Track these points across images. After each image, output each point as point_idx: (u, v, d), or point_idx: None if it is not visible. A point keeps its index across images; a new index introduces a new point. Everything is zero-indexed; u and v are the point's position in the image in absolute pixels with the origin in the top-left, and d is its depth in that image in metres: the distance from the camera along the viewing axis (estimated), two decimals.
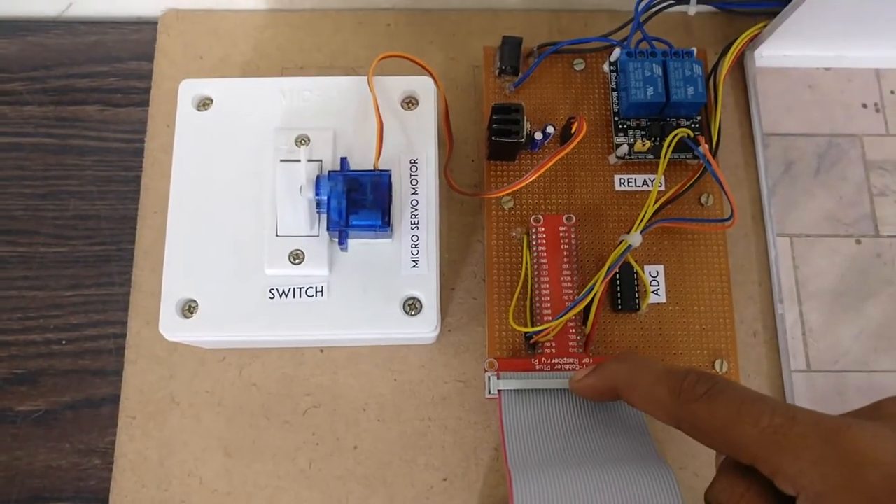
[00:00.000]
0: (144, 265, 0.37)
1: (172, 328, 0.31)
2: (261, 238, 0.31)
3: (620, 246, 0.32)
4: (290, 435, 0.35)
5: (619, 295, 0.34)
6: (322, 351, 0.36)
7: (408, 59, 0.33)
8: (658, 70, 0.35)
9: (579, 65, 0.38)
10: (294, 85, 0.34)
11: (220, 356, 0.35)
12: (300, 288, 0.31)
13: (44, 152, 0.39)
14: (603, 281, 0.31)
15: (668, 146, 0.33)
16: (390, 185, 0.30)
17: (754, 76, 0.39)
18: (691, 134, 0.34)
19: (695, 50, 0.36)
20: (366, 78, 0.33)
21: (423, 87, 0.33)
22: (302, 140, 0.32)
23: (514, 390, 0.31)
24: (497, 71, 0.37)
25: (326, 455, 0.34)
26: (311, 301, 0.31)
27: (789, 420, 0.20)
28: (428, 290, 0.31)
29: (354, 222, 0.30)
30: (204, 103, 0.33)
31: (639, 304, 0.34)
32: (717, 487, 0.23)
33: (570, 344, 0.33)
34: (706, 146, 0.33)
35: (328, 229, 0.30)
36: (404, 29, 0.41)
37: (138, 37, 0.41)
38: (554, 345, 0.33)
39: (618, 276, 0.34)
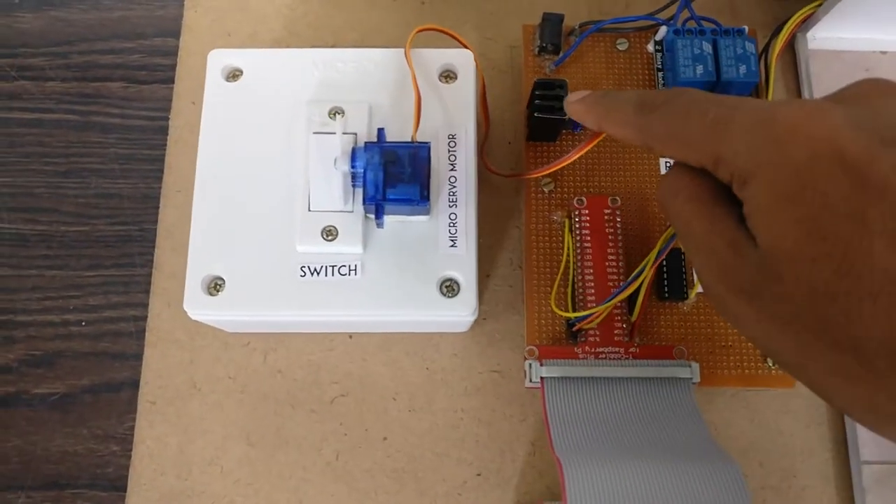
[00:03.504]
0: (166, 245, 0.35)
1: (197, 305, 0.29)
2: (292, 213, 0.30)
3: (669, 230, 0.30)
4: (316, 425, 0.33)
5: (665, 282, 0.32)
6: (351, 337, 0.34)
7: (445, 32, 0.32)
8: (708, 48, 0.33)
9: (622, 44, 0.36)
10: (327, 56, 0.32)
11: (244, 340, 0.34)
12: (333, 266, 0.29)
13: (66, 129, 0.38)
14: (652, 265, 0.29)
15: None
16: (429, 157, 0.29)
17: (807, 59, 0.37)
18: None
19: (746, 28, 0.34)
20: (401, 50, 0.32)
21: (463, 60, 0.32)
22: (336, 112, 0.31)
23: (558, 378, 0.29)
24: (537, 49, 0.36)
25: (354, 446, 0.33)
26: (343, 280, 0.29)
27: (733, 109, 0.20)
28: (467, 271, 0.29)
29: (392, 196, 0.28)
30: (234, 74, 0.32)
31: (687, 292, 0.32)
32: (666, 181, 0.23)
33: (616, 332, 0.31)
34: None
35: (364, 203, 0.28)
36: (439, 7, 0.39)
37: (164, 12, 0.39)
38: (598, 333, 0.31)
39: (665, 262, 0.33)
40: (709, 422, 0.32)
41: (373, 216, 0.29)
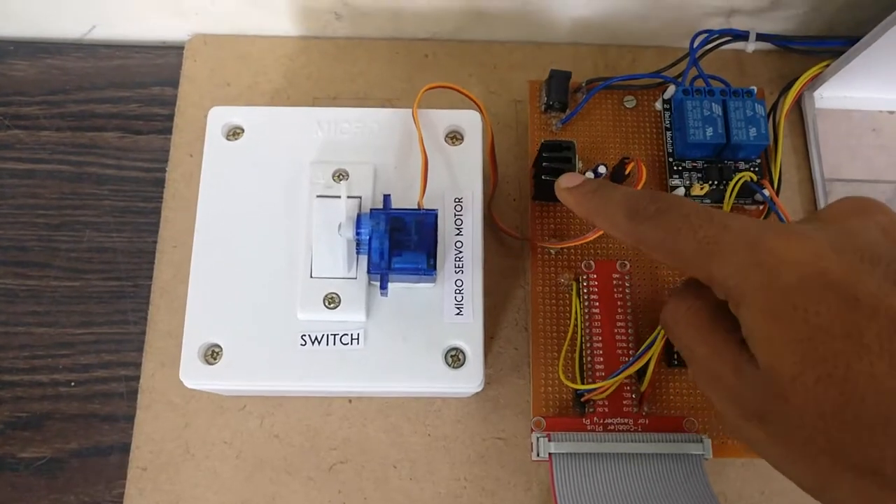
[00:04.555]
0: (161, 303, 0.34)
1: (194, 375, 0.28)
2: (293, 279, 0.29)
3: None
4: (313, 492, 0.32)
5: (675, 349, 0.32)
6: (350, 401, 0.33)
7: (455, 89, 0.31)
8: (717, 109, 0.33)
9: (630, 102, 0.36)
10: (331, 116, 0.31)
11: (241, 404, 0.33)
12: (335, 335, 0.28)
13: (59, 180, 0.37)
14: (663, 337, 0.29)
15: (732, 190, 0.31)
16: (436, 225, 0.28)
17: (814, 118, 0.37)
18: (755, 178, 0.32)
19: (755, 89, 0.33)
20: (406, 111, 0.31)
21: (470, 121, 0.31)
22: (340, 175, 0.30)
23: (567, 454, 0.28)
24: (543, 106, 0.35)
25: None
26: (345, 349, 0.28)
27: (722, 229, 0.21)
28: (473, 341, 0.28)
29: (397, 265, 0.27)
30: (234, 132, 0.31)
31: None
32: (668, 307, 0.24)
33: (625, 402, 0.30)
34: (772, 190, 0.31)
35: (368, 272, 0.27)
36: (443, 60, 0.39)
37: (163, 61, 0.39)
38: (607, 403, 0.30)
39: None
40: (719, 493, 0.31)
41: (377, 284, 0.28)
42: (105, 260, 0.35)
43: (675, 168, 0.34)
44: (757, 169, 0.34)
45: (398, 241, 0.27)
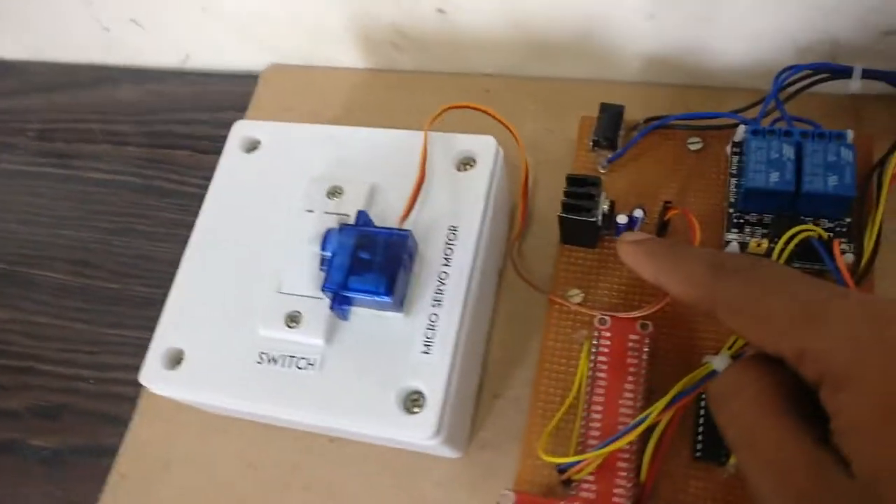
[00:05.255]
0: None
1: (153, 378, 0.27)
2: (262, 293, 0.27)
3: (702, 369, 0.24)
4: None
5: (699, 437, 0.25)
6: (332, 441, 0.30)
7: (480, 109, 0.29)
8: (789, 151, 0.27)
9: (695, 144, 0.31)
10: (346, 134, 0.30)
11: (224, 425, 0.31)
12: (291, 357, 0.26)
13: (129, 190, 0.39)
14: (661, 412, 0.23)
15: (785, 246, 0.25)
16: (406, 247, 0.25)
17: None
18: (824, 235, 0.25)
19: (850, 133, 0.27)
20: (422, 133, 0.29)
21: (483, 146, 0.28)
22: (335, 192, 0.28)
23: None
24: (591, 143, 0.31)
25: None
26: (299, 374, 0.26)
27: (835, 295, 0.18)
28: (435, 384, 0.25)
29: (354, 286, 0.25)
30: (253, 146, 0.31)
31: (727, 453, 0.25)
32: (724, 377, 0.20)
33: (616, 492, 0.24)
34: (841, 258, 0.24)
35: (322, 288, 0.25)
36: (503, 94, 0.36)
37: (241, 89, 0.40)
38: (595, 488, 0.25)
39: (702, 411, 0.26)
40: None
41: (334, 308, 0.25)
42: (147, 267, 0.37)
43: (734, 220, 0.28)
44: (844, 230, 0.27)
45: (361, 260, 0.25)
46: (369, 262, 0.25)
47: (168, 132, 0.40)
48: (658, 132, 0.31)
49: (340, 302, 0.25)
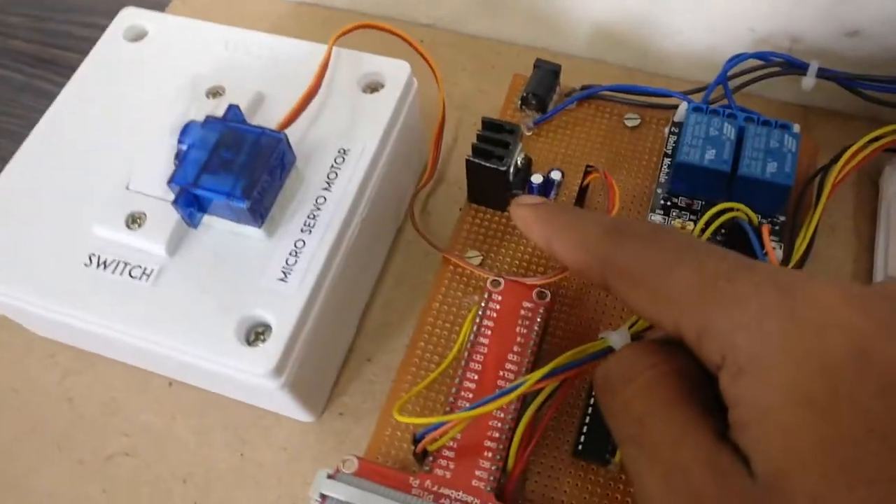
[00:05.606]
0: None
1: None
2: (108, 189, 0.23)
3: (597, 343, 0.20)
4: (75, 481, 0.24)
5: (584, 430, 0.22)
6: (171, 385, 0.26)
7: (389, 31, 0.26)
8: (730, 132, 0.24)
9: (633, 120, 0.28)
10: (242, 37, 0.27)
11: (51, 350, 0.27)
12: (126, 263, 0.22)
13: (9, 86, 0.34)
14: (542, 380, 0.19)
15: (708, 225, 0.22)
16: (277, 151, 0.21)
17: (890, 200, 0.27)
18: (754, 218, 0.22)
19: (797, 127, 0.25)
20: (326, 46, 0.25)
21: (395, 70, 0.25)
22: (215, 92, 0.25)
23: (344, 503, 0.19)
24: (519, 101, 0.28)
25: None
26: (131, 284, 0.22)
27: (742, 266, 0.15)
28: (284, 316, 0.21)
29: (205, 184, 0.21)
30: (137, 35, 0.27)
31: (611, 452, 0.21)
32: (615, 359, 0.17)
33: (478, 474, 0.21)
34: (772, 246, 0.21)
35: (169, 182, 0.21)
36: (439, 48, 0.33)
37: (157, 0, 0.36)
38: (452, 467, 0.21)
39: (592, 401, 0.22)
40: None
41: (178, 206, 0.21)
42: None
43: (661, 203, 0.25)
44: (778, 229, 0.24)
45: (222, 159, 0.21)
46: (230, 161, 0.21)
47: (65, 32, 0.36)
48: (596, 105, 0.28)
49: (187, 202, 0.21)
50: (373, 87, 0.25)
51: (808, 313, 0.14)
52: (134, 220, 0.22)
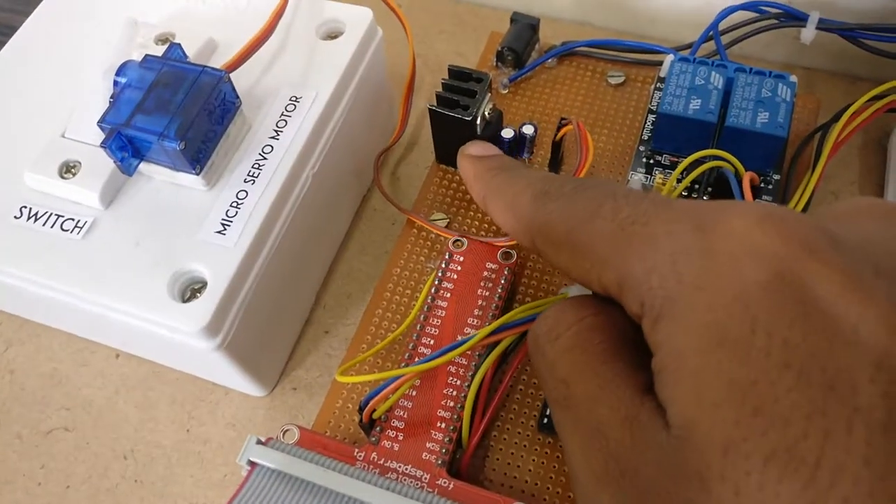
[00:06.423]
0: None
1: None
2: (44, 138, 0.21)
3: (556, 297, 0.18)
4: (12, 457, 0.23)
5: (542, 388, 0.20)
6: (118, 357, 0.24)
7: None
8: (718, 81, 0.22)
9: (616, 78, 0.26)
10: None
11: None
12: (58, 215, 0.20)
13: None
14: (494, 334, 0.17)
15: (685, 174, 0.20)
16: (219, 91, 0.20)
17: None
18: (740, 169, 0.20)
19: (792, 76, 0.22)
20: None
21: (355, 17, 0.23)
22: (165, 38, 0.23)
23: (278, 472, 0.17)
24: (495, 58, 0.26)
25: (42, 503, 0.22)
26: (62, 238, 0.20)
27: (659, 205, 0.14)
28: (220, 270, 0.19)
29: (137, 123, 0.19)
30: None
31: None
32: (542, 318, 0.15)
33: (429, 446, 0.19)
34: (749, 186, 0.19)
35: (99, 122, 0.19)
36: (417, 12, 0.31)
37: None
38: (401, 439, 0.19)
39: None
40: None
41: (109, 150, 0.19)
42: None
43: (644, 160, 0.23)
44: (772, 188, 0.22)
45: (158, 99, 0.19)
46: (167, 101, 0.19)
47: None
48: (577, 62, 0.26)
49: (119, 145, 0.19)
50: (332, 35, 0.23)
51: (722, 245, 0.12)
52: (68, 170, 0.21)
